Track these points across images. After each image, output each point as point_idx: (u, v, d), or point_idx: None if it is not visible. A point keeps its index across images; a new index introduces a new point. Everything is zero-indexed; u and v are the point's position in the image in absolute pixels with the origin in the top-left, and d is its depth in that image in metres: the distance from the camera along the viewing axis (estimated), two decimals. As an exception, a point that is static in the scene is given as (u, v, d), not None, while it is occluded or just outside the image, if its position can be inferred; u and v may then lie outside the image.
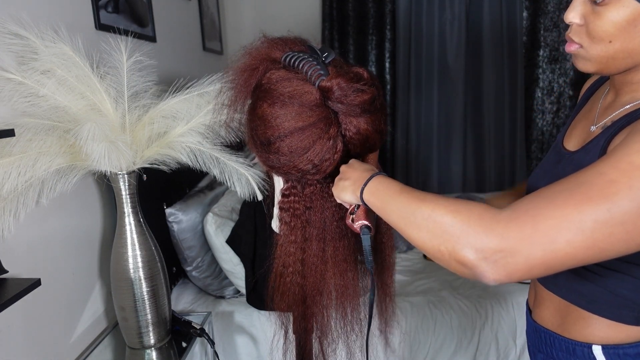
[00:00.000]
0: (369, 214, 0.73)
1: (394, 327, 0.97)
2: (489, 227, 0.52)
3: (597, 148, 0.66)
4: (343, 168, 0.77)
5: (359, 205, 0.73)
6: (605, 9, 0.61)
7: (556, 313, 0.78)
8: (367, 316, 0.78)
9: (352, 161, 0.78)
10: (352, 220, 0.74)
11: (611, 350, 0.70)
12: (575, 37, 0.67)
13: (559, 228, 0.50)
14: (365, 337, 0.82)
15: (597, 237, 0.49)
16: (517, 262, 0.51)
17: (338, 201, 0.77)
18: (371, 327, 0.81)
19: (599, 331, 0.71)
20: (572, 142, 0.78)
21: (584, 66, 0.68)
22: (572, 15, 0.67)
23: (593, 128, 0.73)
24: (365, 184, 0.68)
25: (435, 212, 0.56)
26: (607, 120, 0.70)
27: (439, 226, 0.55)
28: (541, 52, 3.03)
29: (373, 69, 3.10)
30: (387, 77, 3.11)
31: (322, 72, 0.73)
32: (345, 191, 0.72)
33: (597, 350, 0.71)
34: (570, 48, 0.69)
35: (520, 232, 0.50)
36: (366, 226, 0.72)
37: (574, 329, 0.74)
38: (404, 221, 0.60)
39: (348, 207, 0.77)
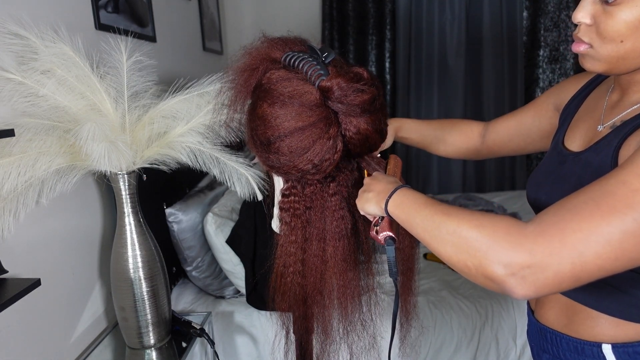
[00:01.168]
0: (393, 225, 0.73)
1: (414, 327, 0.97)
2: (517, 242, 0.51)
3: (610, 149, 0.65)
4: (367, 180, 0.78)
5: (382, 217, 0.74)
6: (618, 8, 0.61)
7: (562, 313, 0.77)
8: (391, 328, 0.78)
9: (375, 174, 0.79)
10: (377, 232, 0.74)
11: (621, 348, 0.70)
12: (584, 37, 0.66)
13: (587, 241, 0.49)
14: (388, 348, 0.81)
15: (625, 247, 0.49)
16: (547, 277, 0.50)
17: (362, 213, 0.78)
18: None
19: (608, 330, 0.71)
20: (576, 142, 0.77)
21: (592, 66, 0.67)
22: (582, 15, 0.65)
23: (600, 127, 0.72)
24: (389, 196, 0.69)
25: (460, 226, 0.56)
26: (616, 120, 0.70)
27: (465, 241, 0.55)
28: (541, 52, 3.03)
29: (373, 69, 3.10)
30: (387, 77, 3.11)
31: (322, 72, 0.73)
32: (369, 203, 0.73)
33: (606, 349, 0.71)
34: (579, 48, 0.67)
35: (548, 247, 0.50)
36: (391, 237, 0.72)
37: (582, 328, 0.74)
38: (429, 235, 0.60)
39: (371, 219, 0.77)
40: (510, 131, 0.99)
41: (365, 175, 0.87)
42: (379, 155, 0.95)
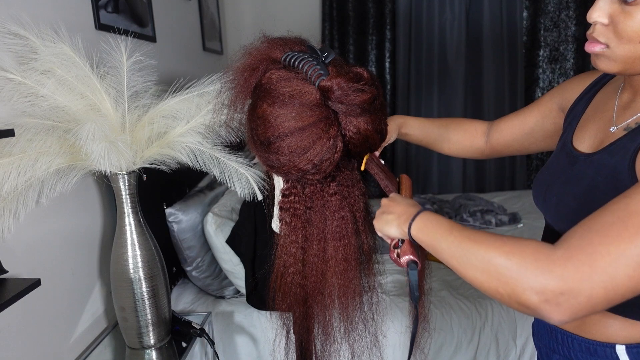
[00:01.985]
0: (415, 247, 0.74)
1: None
2: (547, 269, 0.52)
3: (626, 152, 0.64)
4: (385, 202, 0.78)
5: (402, 240, 0.74)
6: (636, 8, 0.59)
7: None
8: (409, 348, 0.78)
9: (393, 195, 0.80)
10: (398, 255, 0.74)
11: (634, 349, 0.69)
12: (601, 37, 0.65)
13: (616, 265, 0.50)
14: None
15: None
16: (580, 302, 0.51)
17: (380, 234, 0.78)
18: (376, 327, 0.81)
19: (622, 331, 0.71)
20: (585, 142, 0.76)
21: (607, 66, 0.66)
22: (598, 15, 0.63)
23: (613, 129, 0.71)
24: (412, 220, 0.70)
25: (489, 253, 0.57)
26: (631, 121, 0.69)
27: (495, 269, 0.56)
28: (541, 52, 3.03)
29: (373, 69, 3.10)
30: (387, 77, 3.11)
31: (322, 72, 0.73)
32: (389, 225, 0.74)
33: (620, 350, 0.70)
34: (594, 48, 0.66)
35: (578, 273, 0.51)
36: (413, 261, 0.72)
37: (595, 329, 0.73)
38: (457, 261, 0.61)
39: (388, 241, 0.78)
40: (514, 131, 0.99)
41: (364, 168, 0.88)
42: (382, 162, 0.96)
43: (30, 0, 1.10)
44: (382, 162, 0.93)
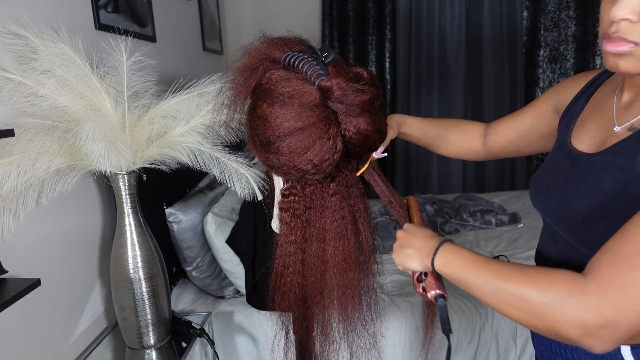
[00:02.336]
0: (439, 280, 0.74)
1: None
2: (582, 303, 0.53)
3: (634, 154, 0.63)
4: (401, 235, 0.79)
5: (425, 273, 0.75)
6: None
7: None
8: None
9: (407, 226, 0.81)
10: (423, 289, 0.74)
11: None
12: (631, 35, 0.60)
13: None
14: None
15: None
16: (621, 334, 0.53)
17: (400, 268, 0.79)
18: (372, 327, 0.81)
19: None
20: (585, 142, 0.75)
21: (632, 67, 0.62)
22: (625, 12, 0.59)
23: (617, 129, 0.70)
24: (434, 254, 0.71)
25: (520, 291, 0.58)
26: (635, 121, 0.68)
27: (530, 305, 0.57)
28: (541, 52, 3.03)
29: (373, 69, 3.10)
30: (387, 77, 3.11)
31: (321, 72, 0.73)
32: (410, 260, 0.75)
33: (625, 351, 0.70)
34: (621, 48, 0.62)
35: (614, 305, 0.52)
36: (441, 295, 0.73)
37: None
38: (488, 297, 0.62)
39: (409, 272, 0.78)
40: (510, 133, 0.99)
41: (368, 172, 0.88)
42: (385, 153, 0.96)
43: (30, 0, 1.10)
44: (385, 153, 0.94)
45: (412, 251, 0.75)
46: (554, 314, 0.54)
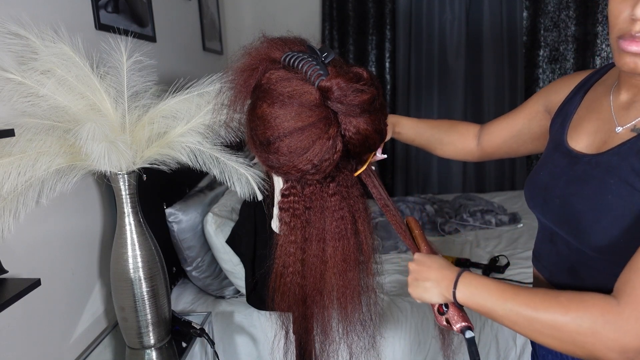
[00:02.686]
0: (462, 311, 0.74)
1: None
2: (621, 329, 0.54)
3: None
4: (414, 267, 0.79)
5: (446, 305, 0.75)
6: None
7: None
8: None
9: (418, 257, 0.81)
10: (447, 321, 0.74)
11: None
12: None
13: None
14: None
15: None
16: None
17: (419, 302, 0.80)
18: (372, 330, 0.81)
19: None
20: (582, 142, 0.75)
21: None
22: None
23: (619, 129, 0.69)
24: (455, 287, 0.71)
25: (555, 320, 0.58)
26: (638, 122, 0.67)
27: (566, 335, 0.57)
28: (541, 52, 3.03)
29: (373, 69, 3.10)
30: (387, 77, 3.11)
31: (321, 72, 0.73)
32: (429, 293, 0.75)
33: None
34: None
35: None
36: (468, 327, 0.73)
37: None
38: (521, 328, 0.63)
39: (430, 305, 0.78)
40: (502, 134, 0.99)
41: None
42: (385, 155, 0.96)
43: (30, 0, 1.10)
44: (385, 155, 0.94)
45: (429, 284, 0.75)
46: (593, 342, 0.55)
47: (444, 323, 0.75)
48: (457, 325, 0.73)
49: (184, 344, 1.27)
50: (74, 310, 1.24)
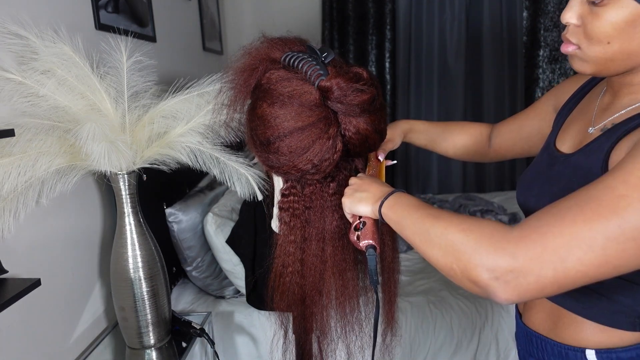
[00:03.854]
0: (375, 232, 0.73)
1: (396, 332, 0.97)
2: (500, 247, 0.52)
3: (600, 153, 0.64)
4: (356, 180, 0.78)
5: (364, 223, 0.74)
6: (604, 9, 0.60)
7: (548, 317, 0.77)
8: (372, 336, 0.78)
9: (362, 175, 0.79)
10: (358, 238, 0.74)
11: (604, 354, 0.70)
12: (572, 37, 0.65)
13: (568, 246, 0.49)
14: (371, 349, 0.82)
15: (609, 254, 0.49)
16: (529, 283, 0.50)
17: (346, 211, 0.78)
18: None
19: (593, 336, 0.71)
20: (567, 144, 0.76)
21: (581, 67, 0.67)
22: (569, 16, 0.64)
23: (591, 130, 0.71)
24: (386, 198, 0.70)
25: (447, 230, 0.57)
26: (607, 122, 0.69)
27: (451, 244, 0.56)
28: (541, 52, 3.03)
29: (373, 69, 3.10)
30: (387, 77, 3.11)
31: (321, 72, 0.73)
32: (362, 203, 0.73)
33: (590, 355, 0.71)
34: (567, 49, 0.67)
35: (530, 252, 0.50)
36: (372, 246, 0.73)
37: (567, 333, 0.74)
38: (418, 237, 0.61)
39: (351, 221, 0.77)
40: (513, 135, 0.99)
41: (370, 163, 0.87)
42: (395, 161, 0.97)
43: (30, 0, 1.10)
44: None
45: (365, 195, 0.73)
46: (471, 254, 0.53)
47: (354, 239, 0.74)
48: (364, 242, 0.72)
49: (184, 344, 1.27)
50: (74, 310, 1.24)
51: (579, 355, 0.72)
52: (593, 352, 0.70)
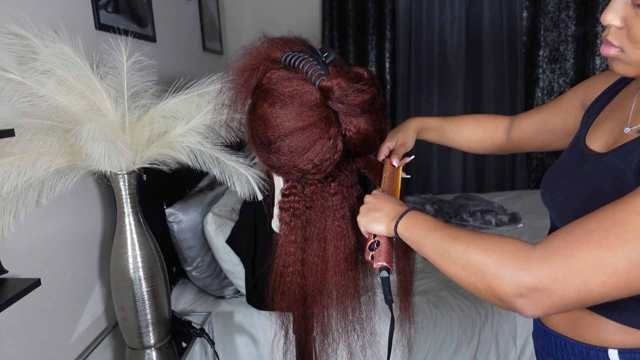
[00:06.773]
0: (389, 252, 0.74)
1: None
2: (523, 267, 0.54)
3: (635, 156, 0.63)
4: (370, 199, 0.78)
5: (378, 243, 0.75)
6: None
7: (568, 318, 0.76)
8: (387, 348, 0.78)
9: (377, 192, 0.80)
10: (372, 258, 0.75)
11: (628, 354, 0.69)
12: (614, 40, 0.62)
13: (591, 270, 0.50)
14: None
15: (633, 278, 0.50)
16: (553, 301, 0.53)
17: (362, 230, 0.79)
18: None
19: (616, 336, 0.70)
20: (598, 142, 0.74)
21: (623, 70, 0.64)
22: (612, 17, 0.61)
23: (627, 130, 0.69)
24: (400, 218, 0.71)
25: (468, 251, 0.59)
26: None
27: (473, 265, 0.58)
28: (541, 52, 3.03)
29: (373, 69, 3.10)
30: (387, 77, 3.11)
31: (322, 72, 0.73)
32: (377, 222, 0.74)
33: (613, 354, 0.70)
34: (609, 51, 0.64)
35: (553, 273, 0.52)
36: (386, 268, 0.74)
37: (588, 333, 0.73)
38: (439, 257, 0.63)
39: (367, 237, 0.78)
40: (535, 128, 0.97)
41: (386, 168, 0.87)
42: (409, 176, 0.97)
43: (30, 0, 1.10)
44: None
45: (380, 215, 0.74)
46: (494, 273, 0.55)
47: (368, 258, 0.75)
48: (378, 264, 0.73)
49: (184, 344, 1.27)
50: (74, 310, 1.24)
51: (601, 354, 0.71)
52: (616, 352, 0.70)
